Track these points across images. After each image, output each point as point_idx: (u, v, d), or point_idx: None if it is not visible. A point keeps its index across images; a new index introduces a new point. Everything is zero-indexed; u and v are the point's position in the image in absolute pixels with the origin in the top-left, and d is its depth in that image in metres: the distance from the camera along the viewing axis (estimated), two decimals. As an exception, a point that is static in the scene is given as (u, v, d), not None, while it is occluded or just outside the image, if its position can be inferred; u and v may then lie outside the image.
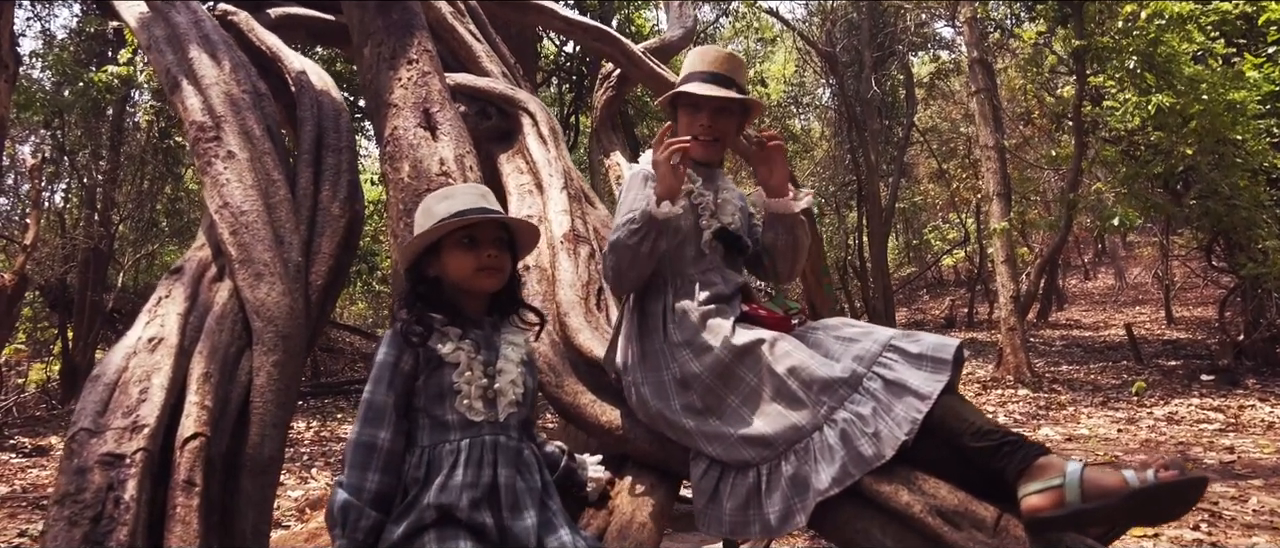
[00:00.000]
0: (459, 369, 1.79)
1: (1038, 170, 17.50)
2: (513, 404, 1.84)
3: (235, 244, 2.24)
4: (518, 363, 1.88)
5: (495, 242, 1.88)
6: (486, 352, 1.86)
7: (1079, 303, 19.11)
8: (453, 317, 1.85)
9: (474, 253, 1.85)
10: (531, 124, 3.50)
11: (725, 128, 2.26)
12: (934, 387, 1.78)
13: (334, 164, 2.65)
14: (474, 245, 1.86)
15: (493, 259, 1.86)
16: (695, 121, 2.23)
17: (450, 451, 1.74)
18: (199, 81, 2.58)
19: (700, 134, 2.22)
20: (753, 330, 2.03)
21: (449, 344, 1.80)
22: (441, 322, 1.83)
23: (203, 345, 2.03)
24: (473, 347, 1.82)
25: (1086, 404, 8.21)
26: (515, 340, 1.93)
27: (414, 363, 1.78)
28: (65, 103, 11.82)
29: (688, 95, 2.21)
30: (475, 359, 1.81)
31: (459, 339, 1.82)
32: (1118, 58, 9.69)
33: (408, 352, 1.78)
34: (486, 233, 1.88)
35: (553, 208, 3.01)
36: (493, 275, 1.87)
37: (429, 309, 1.84)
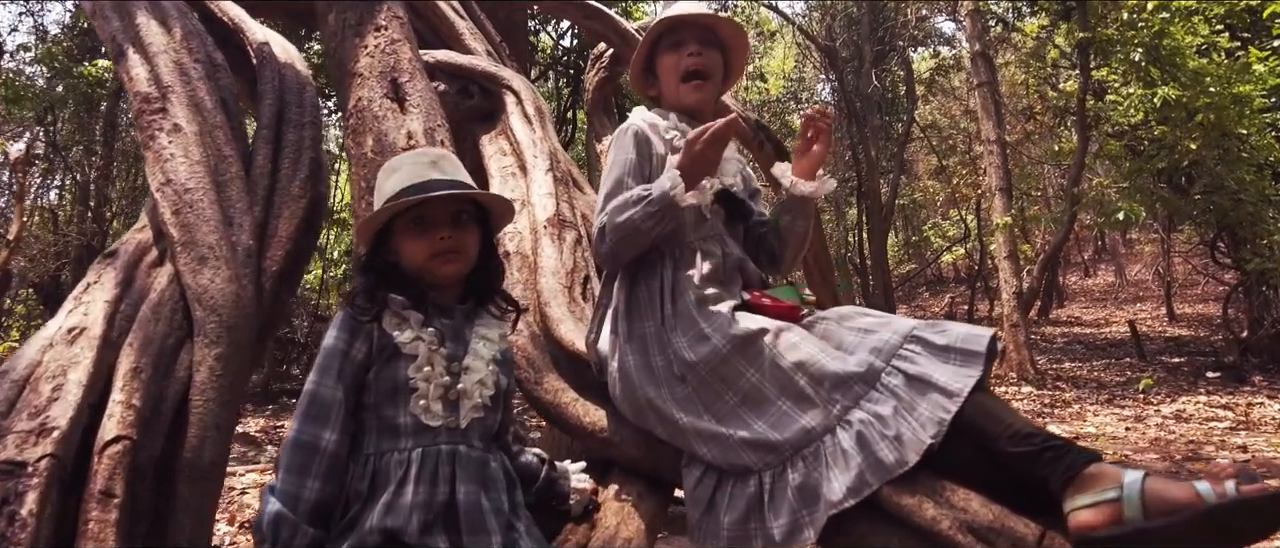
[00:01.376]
0: (417, 363, 1.54)
1: (1038, 166, 17.36)
2: (478, 409, 1.60)
3: (177, 225, 2.00)
4: (489, 361, 1.64)
5: (452, 220, 1.62)
6: (453, 345, 1.61)
7: (1079, 300, 19.02)
8: (416, 301, 1.60)
9: (426, 236, 1.60)
10: (516, 103, 3.27)
11: (715, 61, 2.07)
12: (964, 383, 1.53)
13: (295, 141, 2.42)
14: (425, 227, 1.60)
15: (447, 242, 1.60)
16: (682, 57, 2.04)
17: (400, 461, 1.49)
18: (146, 49, 2.35)
19: (691, 65, 2.03)
20: (755, 318, 1.79)
21: (408, 332, 1.56)
22: (402, 304, 1.59)
23: (134, 337, 1.80)
24: (436, 337, 1.58)
25: (1092, 402, 8.05)
26: (489, 335, 1.68)
27: (367, 351, 1.54)
28: (57, 98, 11.60)
29: (670, 31, 2.03)
30: (437, 353, 1.57)
31: (420, 327, 1.57)
32: (1122, 50, 9.53)
33: (361, 337, 1.54)
34: (439, 211, 1.61)
35: (537, 190, 2.78)
36: (450, 260, 1.61)
37: (388, 289, 1.59)
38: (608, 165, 2.01)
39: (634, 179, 1.93)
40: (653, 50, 2.12)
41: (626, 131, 2.01)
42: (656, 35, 2.09)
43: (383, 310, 1.57)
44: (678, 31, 2.06)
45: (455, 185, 1.63)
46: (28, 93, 11.40)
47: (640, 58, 2.14)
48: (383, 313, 1.57)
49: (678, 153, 2.00)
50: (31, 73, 12.75)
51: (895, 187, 17.21)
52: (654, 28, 2.09)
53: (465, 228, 1.64)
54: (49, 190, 14.98)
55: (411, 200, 1.58)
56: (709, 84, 2.06)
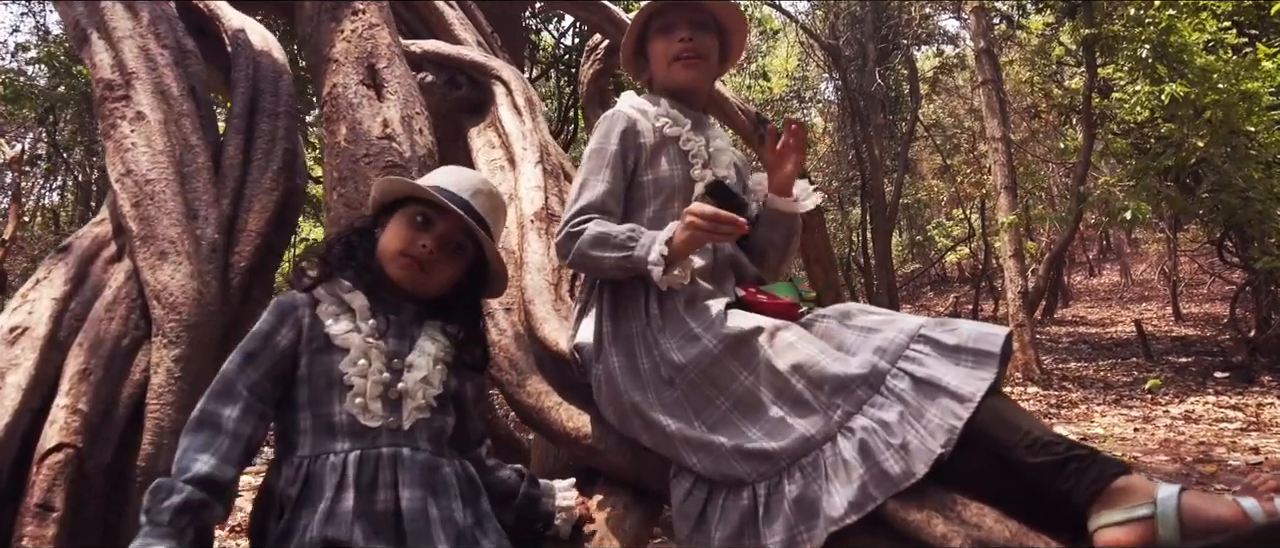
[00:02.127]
0: (350, 357, 1.42)
1: (1043, 165, 17.23)
2: (423, 409, 1.47)
3: (137, 218, 1.88)
4: (436, 360, 1.52)
5: (446, 241, 1.52)
6: (397, 341, 1.49)
7: (1084, 299, 18.90)
8: (369, 290, 1.49)
9: (413, 233, 1.50)
10: (505, 93, 3.15)
11: (708, 44, 1.93)
12: (976, 386, 1.39)
13: (268, 131, 2.30)
14: (424, 227, 1.51)
15: (424, 251, 1.49)
16: (671, 43, 1.90)
17: (335, 465, 1.36)
18: (110, 34, 2.23)
19: (682, 50, 1.89)
20: (749, 317, 1.65)
21: (344, 322, 1.44)
22: (347, 288, 1.47)
23: (84, 336, 1.68)
24: (376, 330, 1.46)
25: (1099, 402, 7.93)
26: (436, 335, 1.56)
27: (295, 338, 1.42)
28: (58, 98, 11.52)
29: (660, 14, 1.89)
30: (375, 347, 1.44)
31: (360, 318, 1.46)
32: (1128, 47, 9.40)
33: (289, 322, 1.43)
34: (443, 225, 1.52)
35: (525, 184, 2.66)
36: (409, 267, 1.50)
37: (346, 266, 1.49)
38: (588, 149, 1.88)
39: (613, 175, 1.81)
40: (643, 34, 1.99)
41: (613, 117, 1.88)
42: (646, 19, 1.96)
43: (323, 285, 1.46)
44: (667, 15, 1.92)
45: (480, 223, 1.55)
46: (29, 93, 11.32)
47: (630, 42, 2.01)
48: (322, 294, 1.46)
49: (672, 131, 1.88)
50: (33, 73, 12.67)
51: (899, 186, 17.09)
52: (643, 10, 1.95)
53: (453, 258, 1.54)
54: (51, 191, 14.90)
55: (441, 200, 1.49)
56: (702, 63, 1.93)
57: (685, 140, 1.88)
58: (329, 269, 1.47)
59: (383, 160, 2.09)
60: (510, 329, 2.09)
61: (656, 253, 1.64)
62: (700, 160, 1.87)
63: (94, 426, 1.58)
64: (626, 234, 1.70)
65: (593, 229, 1.73)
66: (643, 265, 1.65)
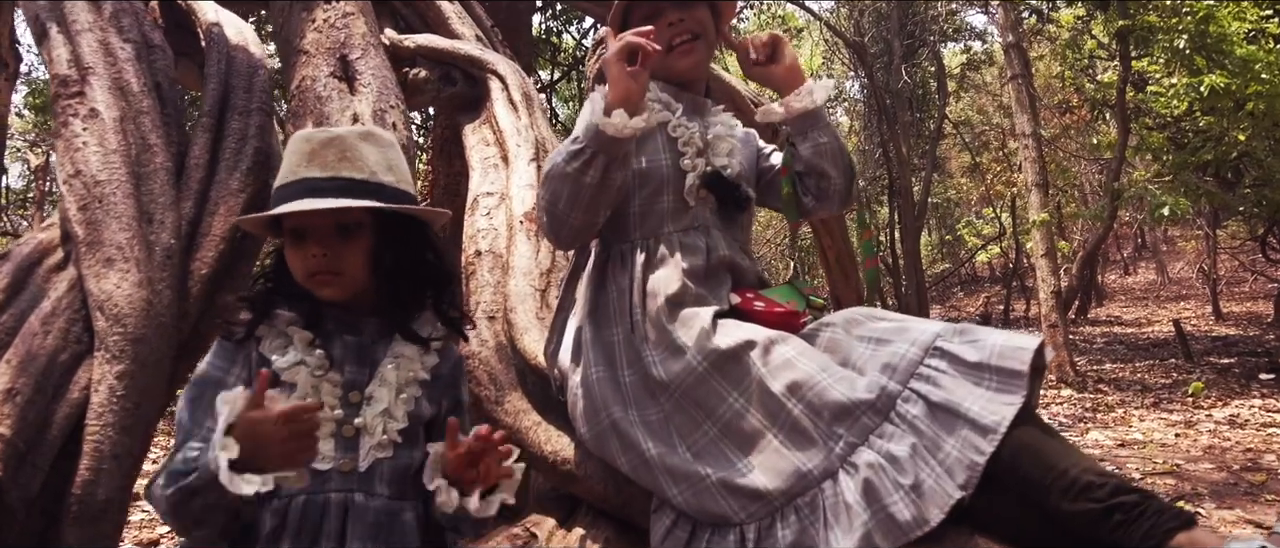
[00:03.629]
0: (297, 393, 1.23)
1: (1075, 161, 16.85)
2: (384, 447, 1.28)
3: (83, 222, 1.74)
4: (400, 387, 1.32)
5: (333, 234, 1.29)
6: (354, 368, 1.30)
7: (1119, 299, 18.46)
8: (310, 315, 1.30)
9: (301, 250, 1.28)
10: (501, 88, 2.98)
11: (700, 19, 1.70)
12: (1002, 413, 1.19)
13: (239, 129, 2.15)
14: (302, 239, 1.29)
15: (319, 261, 1.27)
16: (663, 29, 1.67)
17: (276, 509, 1.19)
18: (69, 28, 2.10)
19: (672, 35, 1.67)
20: (741, 330, 1.45)
21: (290, 354, 1.26)
22: (288, 319, 1.29)
23: (13, 353, 1.54)
24: (324, 362, 1.28)
25: (1136, 405, 7.63)
26: (408, 352, 1.34)
27: (247, 378, 1.25)
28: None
29: (639, 5, 1.68)
30: (324, 380, 1.26)
31: (306, 349, 1.27)
32: (1165, 38, 9.08)
33: (238, 362, 1.26)
34: (316, 217, 1.28)
35: (516, 182, 2.49)
36: (329, 283, 1.29)
37: (278, 297, 1.30)
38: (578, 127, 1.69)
39: None
40: (626, 23, 1.76)
41: (596, 93, 1.69)
42: (623, 14, 1.74)
43: (262, 324, 1.27)
44: (645, 4, 1.70)
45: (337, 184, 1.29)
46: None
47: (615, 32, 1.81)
48: (264, 330, 1.28)
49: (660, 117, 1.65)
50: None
51: (927, 184, 16.78)
52: (616, 10, 1.73)
53: (348, 241, 1.30)
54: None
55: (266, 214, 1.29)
56: (700, 43, 1.71)
57: (675, 126, 1.68)
58: (258, 310, 1.29)
59: (351, 158, 1.93)
60: (492, 340, 1.92)
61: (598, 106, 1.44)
62: (692, 149, 1.66)
63: (19, 452, 1.43)
64: (570, 139, 1.51)
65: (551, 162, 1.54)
66: (594, 132, 1.44)
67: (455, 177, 4.20)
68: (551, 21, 11.26)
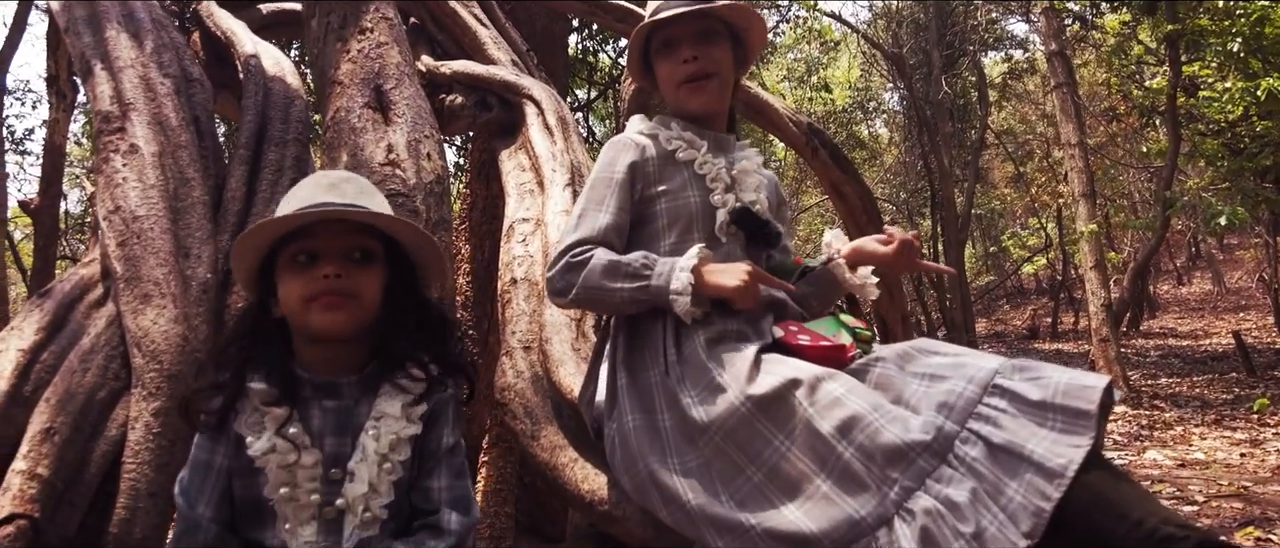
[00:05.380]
0: (272, 482, 1.19)
1: (1124, 169, 16.47)
2: (370, 525, 1.22)
3: (122, 258, 1.74)
4: (384, 456, 1.24)
5: (349, 255, 1.25)
6: (335, 440, 1.23)
7: (1173, 310, 17.91)
8: (283, 380, 1.22)
9: (306, 273, 1.23)
10: (536, 113, 2.97)
11: (718, 58, 1.68)
12: (1070, 456, 1.11)
13: (275, 160, 2.16)
14: (311, 262, 1.23)
15: (332, 281, 1.22)
16: (676, 65, 1.65)
17: None
18: (112, 64, 2.12)
19: (688, 73, 1.65)
20: (785, 366, 1.38)
21: (264, 438, 1.19)
22: (261, 395, 1.21)
23: (52, 391, 1.54)
24: (302, 438, 1.21)
25: (1196, 423, 7.32)
26: (391, 409, 1.27)
27: (231, 458, 1.21)
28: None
29: (658, 31, 1.66)
30: (299, 464, 1.19)
31: (281, 428, 1.20)
32: (1218, 41, 8.82)
33: (222, 441, 1.21)
34: (335, 241, 1.24)
35: (552, 207, 2.46)
36: (333, 306, 1.22)
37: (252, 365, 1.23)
38: (591, 178, 1.66)
39: (618, 207, 1.60)
40: (646, 54, 1.75)
41: (619, 145, 1.66)
42: (643, 40, 1.72)
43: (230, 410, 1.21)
44: (667, 29, 1.67)
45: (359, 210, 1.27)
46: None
47: (634, 64, 1.78)
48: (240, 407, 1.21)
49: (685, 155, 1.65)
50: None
51: (970, 196, 16.51)
52: (638, 32, 1.71)
53: (364, 268, 1.26)
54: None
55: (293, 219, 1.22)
56: (712, 83, 1.68)
57: (701, 164, 1.65)
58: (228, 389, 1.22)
59: (385, 189, 1.92)
60: (527, 371, 1.88)
61: (681, 281, 1.41)
62: (720, 185, 1.63)
63: (57, 492, 1.43)
64: (640, 261, 1.48)
65: (601, 257, 1.50)
66: (663, 295, 1.43)
67: (493, 199, 4.21)
68: (587, 41, 11.31)
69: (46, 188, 7.95)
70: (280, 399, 1.21)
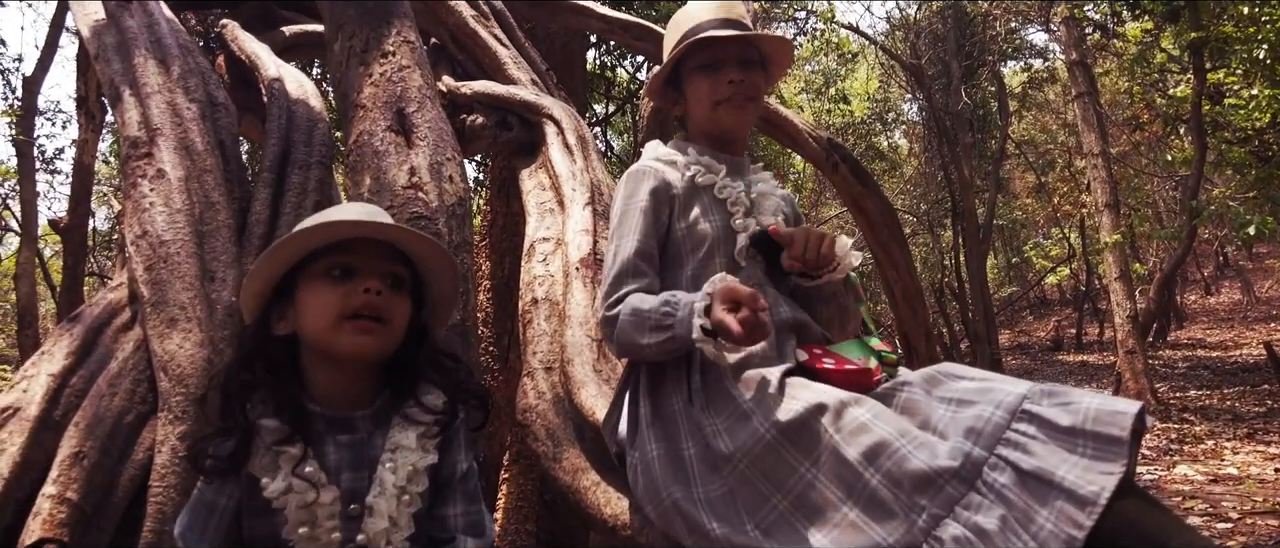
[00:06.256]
0: (291, 522, 1.17)
1: (1148, 179, 16.28)
2: None
3: (149, 282, 1.77)
4: (403, 487, 1.23)
5: (385, 276, 1.25)
6: (351, 473, 1.22)
7: (1200, 320, 17.63)
8: (296, 418, 1.20)
9: (344, 287, 1.21)
10: (556, 132, 2.98)
11: (756, 83, 1.68)
12: (1101, 483, 1.09)
13: (299, 183, 2.18)
14: (348, 277, 1.22)
15: (372, 298, 1.21)
16: (720, 84, 1.64)
17: None
18: (140, 90, 2.16)
19: (731, 94, 1.64)
20: (810, 391, 1.37)
21: (279, 478, 1.17)
22: (274, 433, 1.18)
23: (82, 415, 1.55)
24: (314, 482, 1.18)
25: (1228, 437, 7.18)
26: (406, 441, 1.25)
27: (240, 497, 1.19)
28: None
29: (701, 51, 1.64)
30: (318, 503, 1.17)
31: (296, 467, 1.17)
32: (1243, 48, 8.72)
33: (230, 480, 1.19)
34: (374, 262, 1.23)
35: (572, 227, 2.46)
36: (368, 329, 1.21)
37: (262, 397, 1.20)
38: (615, 211, 1.65)
39: (644, 234, 1.58)
40: (678, 66, 1.73)
41: (638, 174, 1.65)
42: (682, 54, 1.70)
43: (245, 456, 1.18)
44: (712, 50, 1.66)
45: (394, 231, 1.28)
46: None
47: (664, 73, 1.76)
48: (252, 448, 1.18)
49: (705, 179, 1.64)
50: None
51: (992, 206, 16.37)
52: (681, 45, 1.68)
53: (397, 294, 1.26)
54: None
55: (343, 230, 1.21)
56: (753, 105, 1.69)
57: (721, 189, 1.64)
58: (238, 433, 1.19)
59: (407, 212, 1.94)
60: (549, 392, 1.88)
61: (697, 328, 1.39)
62: (740, 209, 1.63)
63: (86, 515, 1.44)
64: (662, 310, 1.45)
65: (627, 309, 1.49)
66: (687, 344, 1.42)
67: (513, 217, 4.22)
68: (605, 57, 11.37)
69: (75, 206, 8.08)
70: (293, 437, 1.19)
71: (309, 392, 1.26)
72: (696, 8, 1.71)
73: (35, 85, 10.23)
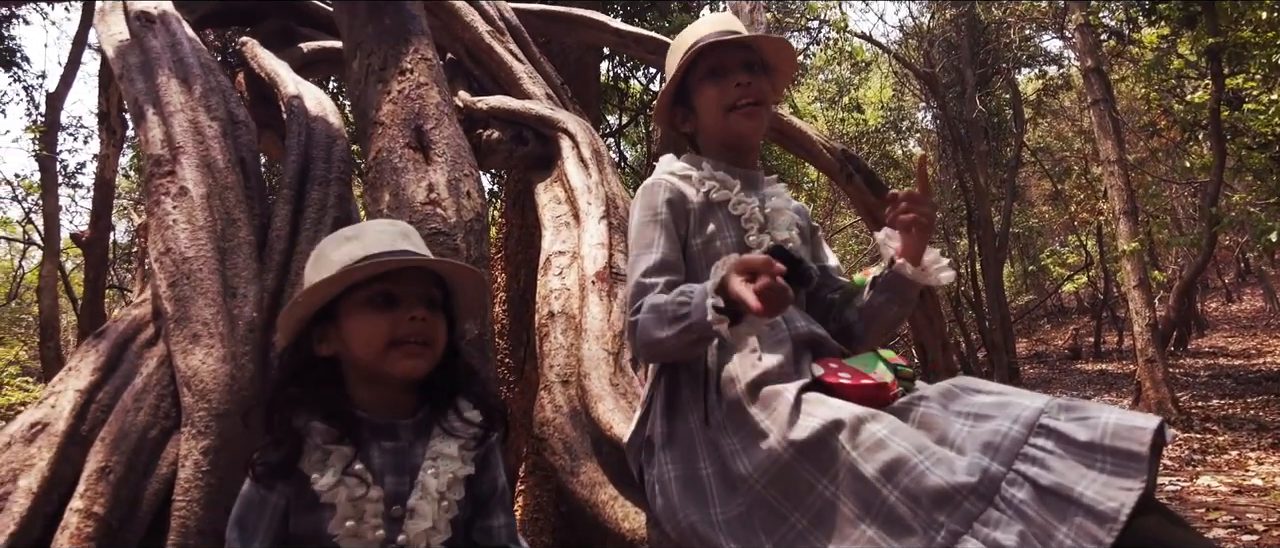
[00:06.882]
0: (338, 516, 1.21)
1: (1166, 185, 16.13)
2: None
3: (172, 299, 1.79)
4: (442, 496, 1.28)
5: (425, 300, 1.32)
6: (395, 478, 1.27)
7: (1222, 328, 17.43)
8: (345, 423, 1.26)
9: (390, 315, 1.28)
10: (571, 146, 3.00)
11: (763, 90, 1.68)
12: (1121, 499, 1.08)
13: (319, 199, 2.21)
14: (391, 305, 1.29)
15: (419, 325, 1.28)
16: (728, 89, 1.65)
17: None
18: (163, 109, 2.19)
19: (740, 96, 1.64)
20: (826, 407, 1.36)
21: (330, 474, 1.22)
22: (324, 434, 1.25)
23: (107, 431, 1.58)
24: (364, 480, 1.24)
25: (1253, 446, 7.07)
26: (448, 451, 1.32)
27: (292, 496, 1.24)
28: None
29: (704, 59, 1.65)
30: (366, 499, 1.23)
31: (345, 465, 1.23)
32: (1262, 53, 8.64)
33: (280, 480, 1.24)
34: (413, 286, 1.30)
35: (588, 241, 2.48)
36: (416, 353, 1.29)
37: (309, 408, 1.26)
38: (633, 224, 1.66)
39: (667, 242, 1.59)
40: (685, 79, 1.74)
41: (653, 188, 1.65)
42: (689, 63, 1.71)
43: (297, 457, 1.23)
44: (715, 56, 1.68)
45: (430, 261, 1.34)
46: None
47: (671, 89, 1.77)
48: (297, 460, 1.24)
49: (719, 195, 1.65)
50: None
51: (1007, 214, 16.28)
52: (686, 55, 1.69)
53: (436, 315, 1.33)
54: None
55: (387, 263, 1.26)
56: (762, 111, 1.69)
57: (735, 204, 1.65)
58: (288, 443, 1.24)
59: (425, 228, 1.96)
60: (566, 406, 1.89)
61: (710, 309, 1.36)
62: (755, 225, 1.63)
63: (112, 530, 1.46)
64: (677, 300, 1.45)
65: (647, 305, 1.49)
66: (707, 329, 1.39)
67: (528, 229, 4.25)
68: (618, 68, 11.42)
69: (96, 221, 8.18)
70: (343, 437, 1.25)
71: (355, 400, 1.33)
72: (695, 27, 1.73)
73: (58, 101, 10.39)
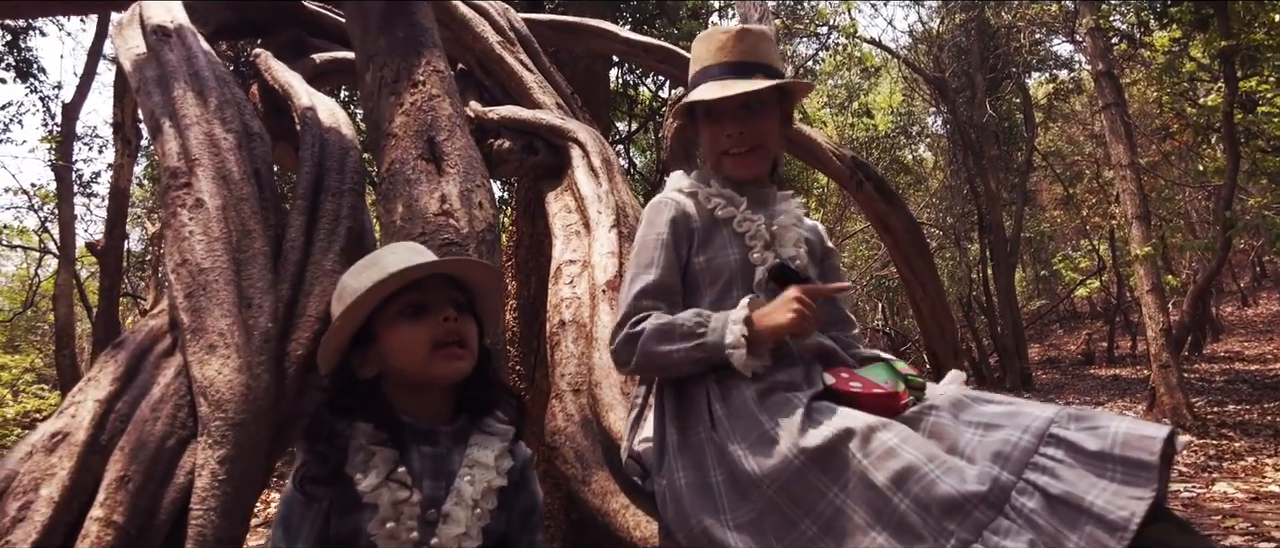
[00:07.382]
0: (378, 516, 1.25)
1: (1179, 189, 16.04)
2: None
3: (189, 309, 1.81)
4: (476, 503, 1.32)
5: (452, 304, 1.37)
6: (433, 483, 1.31)
7: (1238, 333, 17.29)
8: (391, 429, 1.31)
9: (425, 323, 1.34)
10: (581, 156, 3.02)
11: (763, 130, 1.69)
12: (1132, 508, 1.09)
13: (332, 210, 2.23)
14: (423, 313, 1.35)
15: (453, 325, 1.34)
16: (718, 136, 1.68)
17: None
18: (179, 122, 2.22)
19: (732, 147, 1.67)
20: (838, 416, 1.38)
21: (373, 474, 1.26)
22: (370, 435, 1.30)
23: (126, 440, 1.60)
24: (406, 482, 1.28)
25: (1269, 453, 7.01)
26: (484, 458, 1.36)
27: (332, 498, 1.27)
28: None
29: (702, 103, 1.66)
30: (407, 502, 1.27)
31: (389, 468, 1.28)
32: (1276, 56, 8.60)
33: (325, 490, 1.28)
34: (438, 293, 1.36)
35: (599, 249, 2.50)
36: (456, 355, 1.34)
37: (358, 416, 1.31)
38: (636, 240, 1.68)
39: (666, 264, 1.61)
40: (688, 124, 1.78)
41: (659, 205, 1.68)
42: (687, 111, 1.74)
43: (342, 462, 1.27)
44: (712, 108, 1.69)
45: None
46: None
47: (678, 113, 1.79)
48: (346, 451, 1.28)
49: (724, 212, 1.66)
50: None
51: (1019, 219, 16.21)
52: (681, 109, 1.73)
53: (466, 318, 1.39)
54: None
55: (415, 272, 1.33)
56: (757, 154, 1.71)
57: (740, 221, 1.66)
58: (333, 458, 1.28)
59: (439, 238, 1.98)
60: (578, 414, 1.90)
61: (735, 333, 1.42)
62: (759, 242, 1.64)
63: (130, 538, 1.49)
64: (694, 320, 1.48)
65: (653, 322, 1.52)
66: (719, 352, 1.44)
67: (538, 237, 4.27)
68: (628, 75, 11.46)
69: (111, 229, 8.25)
70: (387, 441, 1.30)
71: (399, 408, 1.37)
72: (709, 42, 1.72)
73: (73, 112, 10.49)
